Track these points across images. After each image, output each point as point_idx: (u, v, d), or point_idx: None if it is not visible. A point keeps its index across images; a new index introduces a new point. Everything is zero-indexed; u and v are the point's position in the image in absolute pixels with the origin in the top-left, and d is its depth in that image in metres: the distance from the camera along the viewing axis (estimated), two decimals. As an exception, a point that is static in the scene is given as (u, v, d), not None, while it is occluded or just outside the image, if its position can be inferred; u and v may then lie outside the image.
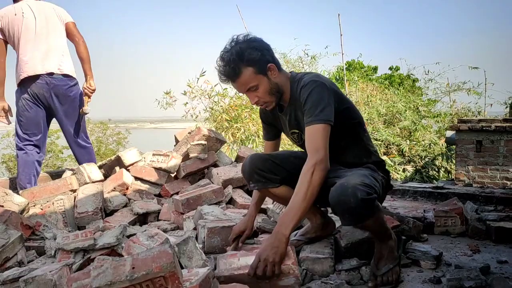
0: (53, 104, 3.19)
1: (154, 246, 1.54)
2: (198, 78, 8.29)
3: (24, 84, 3.14)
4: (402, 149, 8.60)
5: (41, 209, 2.49)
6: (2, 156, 16.30)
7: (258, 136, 7.99)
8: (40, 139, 3.23)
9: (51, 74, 3.14)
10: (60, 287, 1.50)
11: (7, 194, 2.39)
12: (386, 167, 1.93)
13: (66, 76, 3.21)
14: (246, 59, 1.68)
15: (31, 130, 3.18)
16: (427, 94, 10.98)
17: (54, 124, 3.50)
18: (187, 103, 8.54)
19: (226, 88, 8.47)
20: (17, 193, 2.64)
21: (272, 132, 2.07)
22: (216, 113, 8.41)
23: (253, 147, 7.92)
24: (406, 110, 9.08)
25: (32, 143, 3.19)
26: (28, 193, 2.68)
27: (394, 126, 9.27)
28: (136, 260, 1.30)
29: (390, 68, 15.93)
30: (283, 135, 2.12)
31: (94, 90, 3.33)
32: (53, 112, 3.26)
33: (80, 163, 3.28)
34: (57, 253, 1.96)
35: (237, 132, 7.99)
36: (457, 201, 2.53)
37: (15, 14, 3.12)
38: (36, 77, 3.11)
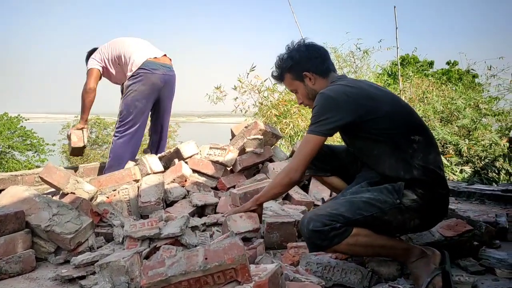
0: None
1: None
2: (248, 73, 8.32)
3: None
4: (460, 148, 8.14)
5: (107, 197, 2.61)
6: (62, 146, 17.42)
7: (307, 132, 7.90)
8: None
9: None
10: (132, 273, 1.56)
11: (78, 182, 2.53)
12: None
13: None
14: (285, 66, 1.91)
15: None
16: (488, 91, 10.29)
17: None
18: (237, 97, 8.60)
19: (275, 83, 8.45)
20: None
21: None
22: (265, 108, 8.41)
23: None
24: (465, 108, 8.57)
25: None
26: (96, 182, 2.82)
27: (451, 124, 8.79)
28: (208, 251, 1.32)
29: (448, 63, 15.13)
30: None
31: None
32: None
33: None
34: (124, 240, 2.04)
35: (286, 128, 7.94)
36: (533, 207, 2.35)
37: None
38: None
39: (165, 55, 3.61)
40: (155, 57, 3.49)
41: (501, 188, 3.23)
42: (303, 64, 1.87)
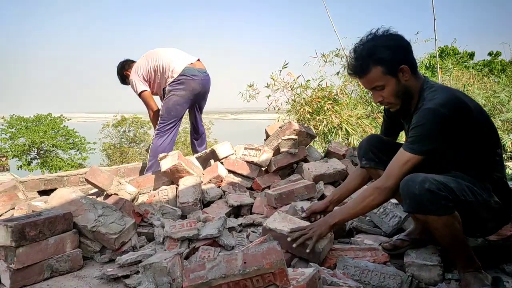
0: None
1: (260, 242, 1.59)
2: (281, 70, 8.30)
3: None
4: (504, 143, 7.76)
5: (148, 198, 2.71)
6: (103, 145, 18.12)
7: (341, 129, 7.79)
8: None
9: None
10: (173, 274, 1.62)
11: (120, 183, 2.64)
12: None
13: None
14: (376, 57, 1.62)
15: None
16: (535, 82, 9.75)
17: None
18: (270, 95, 8.61)
19: (308, 80, 8.38)
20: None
21: (389, 128, 1.99)
22: (298, 105, 8.36)
23: (335, 139, 7.76)
24: (509, 101, 8.16)
25: None
26: (134, 182, 2.94)
27: (494, 118, 8.40)
28: (247, 255, 1.35)
29: (490, 54, 14.43)
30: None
31: None
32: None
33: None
34: (165, 240, 2.12)
35: (320, 125, 7.86)
36: None
37: None
38: None
39: (198, 59, 3.74)
40: (191, 63, 3.65)
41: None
42: (400, 55, 1.63)
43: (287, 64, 8.28)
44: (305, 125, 7.89)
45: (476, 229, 1.67)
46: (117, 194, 2.54)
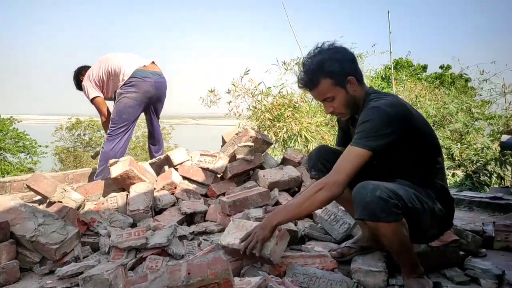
0: None
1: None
2: (242, 77, 8.32)
3: None
4: (452, 152, 8.19)
5: (95, 205, 2.60)
6: (55, 148, 17.30)
7: (300, 136, 7.90)
8: None
9: None
10: (115, 286, 1.55)
11: (65, 190, 2.51)
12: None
13: None
14: (325, 71, 1.67)
15: None
16: (480, 95, 10.38)
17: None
18: (230, 101, 8.60)
19: (269, 87, 8.46)
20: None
21: (343, 139, 2.03)
22: (258, 112, 8.41)
23: (295, 146, 7.86)
24: (457, 112, 8.63)
25: None
26: (82, 189, 2.81)
27: (444, 128, 8.85)
28: (192, 266, 1.31)
29: (441, 67, 15.23)
30: None
31: None
32: None
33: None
34: (111, 250, 2.03)
35: (279, 132, 7.94)
36: (520, 215, 2.37)
37: None
38: None
39: (153, 62, 3.67)
40: (144, 66, 3.57)
41: (489, 195, 3.25)
42: (347, 67, 1.69)
43: (248, 70, 8.32)
44: (262, 132, 7.95)
45: (421, 236, 1.73)
46: (61, 202, 2.41)
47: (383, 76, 11.20)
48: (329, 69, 1.66)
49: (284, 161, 3.30)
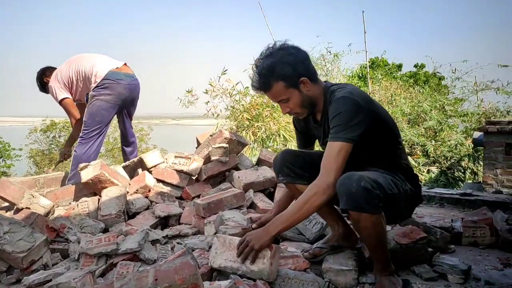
0: None
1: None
2: (220, 77, 8.30)
3: None
4: (427, 149, 8.38)
5: (66, 211, 2.54)
6: (29, 151, 16.80)
7: (279, 135, 7.94)
8: None
9: None
10: (84, 294, 1.52)
11: (33, 196, 2.44)
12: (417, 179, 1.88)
13: None
14: (276, 74, 1.68)
15: None
16: (453, 93, 10.67)
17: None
18: (208, 101, 8.56)
19: (247, 87, 8.45)
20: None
21: (303, 140, 2.07)
22: (237, 112, 8.40)
23: (274, 145, 7.89)
24: (431, 110, 8.84)
25: None
26: (52, 195, 2.74)
27: (418, 125, 9.05)
28: (159, 272, 1.30)
29: (416, 66, 15.56)
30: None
31: None
32: None
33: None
34: (80, 257, 1.99)
35: (258, 131, 7.96)
36: (486, 211, 2.44)
37: None
38: None
39: (125, 64, 3.61)
40: (117, 67, 3.50)
41: (460, 192, 3.35)
42: (298, 68, 1.69)
43: (226, 70, 8.30)
44: (241, 132, 7.93)
45: (397, 217, 1.85)
46: (29, 208, 2.35)
47: (360, 75, 11.36)
48: (280, 73, 1.67)
49: (259, 162, 3.30)
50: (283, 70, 1.67)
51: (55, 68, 3.65)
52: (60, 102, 3.56)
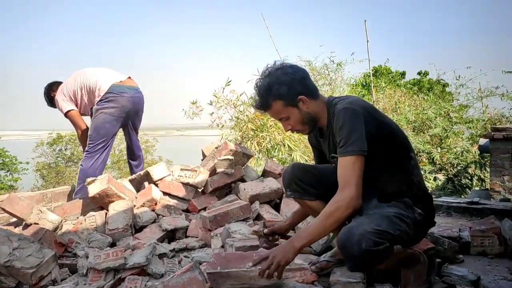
0: None
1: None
2: (224, 88, 8.36)
3: None
4: (433, 157, 8.35)
5: (74, 225, 2.56)
6: (36, 164, 16.92)
7: (284, 145, 7.95)
8: None
9: None
10: (92, 310, 1.53)
11: (42, 212, 2.46)
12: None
13: None
14: (274, 93, 1.71)
15: None
16: (458, 100, 10.66)
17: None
18: (213, 113, 8.62)
19: (251, 97, 8.49)
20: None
21: (319, 156, 2.05)
22: (241, 122, 8.44)
23: (279, 155, 7.89)
24: (436, 117, 8.83)
25: None
26: (59, 209, 2.76)
27: (424, 133, 9.03)
28: (168, 287, 1.31)
29: (419, 73, 15.58)
30: None
31: None
32: None
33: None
34: (89, 272, 1.99)
35: (263, 141, 7.98)
36: (494, 220, 2.42)
37: None
38: None
39: (129, 77, 3.66)
40: (121, 81, 3.55)
41: (467, 200, 3.32)
42: (296, 87, 1.71)
43: (230, 81, 8.37)
44: (246, 142, 7.94)
45: (407, 244, 1.76)
46: (37, 224, 2.37)
47: (363, 84, 11.39)
48: (277, 92, 1.70)
49: (265, 173, 3.31)
50: (280, 89, 1.70)
51: (61, 83, 3.71)
52: (66, 114, 3.60)
